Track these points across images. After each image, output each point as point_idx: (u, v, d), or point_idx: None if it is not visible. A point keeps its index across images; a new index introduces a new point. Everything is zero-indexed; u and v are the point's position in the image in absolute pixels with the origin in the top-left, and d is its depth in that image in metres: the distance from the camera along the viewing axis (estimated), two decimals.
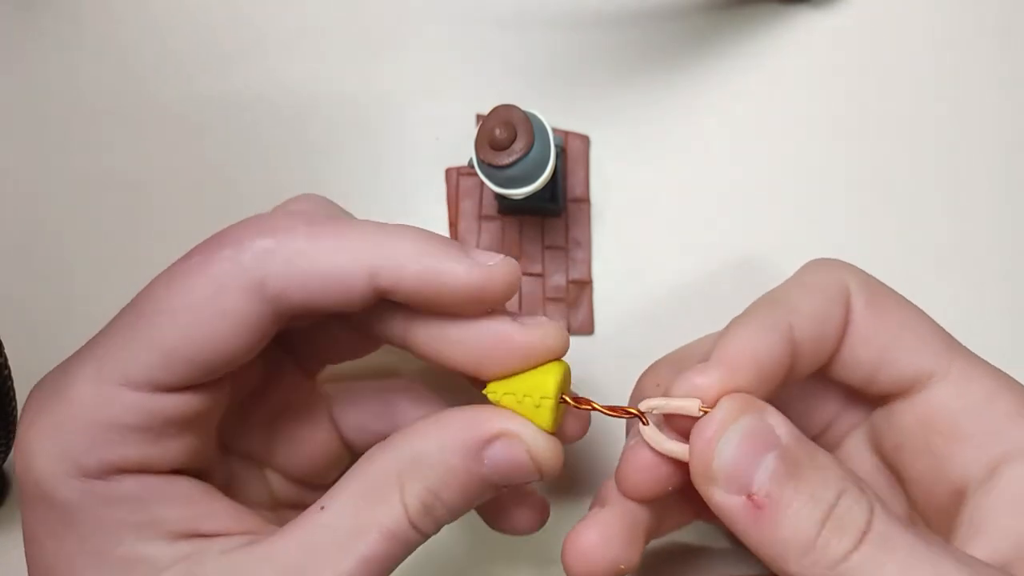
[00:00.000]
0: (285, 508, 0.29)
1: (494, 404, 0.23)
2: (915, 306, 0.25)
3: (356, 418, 0.29)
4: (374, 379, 0.30)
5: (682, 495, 0.24)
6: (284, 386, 0.27)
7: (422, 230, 0.23)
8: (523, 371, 0.23)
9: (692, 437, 0.22)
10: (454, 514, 0.23)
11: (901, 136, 0.36)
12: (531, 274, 0.35)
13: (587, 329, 0.35)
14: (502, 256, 0.23)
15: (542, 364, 0.23)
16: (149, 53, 0.37)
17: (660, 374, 0.27)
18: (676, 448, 0.23)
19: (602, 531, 0.24)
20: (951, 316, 0.34)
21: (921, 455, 0.24)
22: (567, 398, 0.24)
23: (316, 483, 0.29)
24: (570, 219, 0.35)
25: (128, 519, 0.22)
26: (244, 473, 0.27)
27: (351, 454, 0.30)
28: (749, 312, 0.24)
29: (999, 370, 0.24)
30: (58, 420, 0.22)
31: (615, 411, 0.24)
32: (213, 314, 0.21)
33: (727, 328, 0.24)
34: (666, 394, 0.23)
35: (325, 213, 0.25)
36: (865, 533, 0.20)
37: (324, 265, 0.22)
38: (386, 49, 0.37)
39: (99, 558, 0.22)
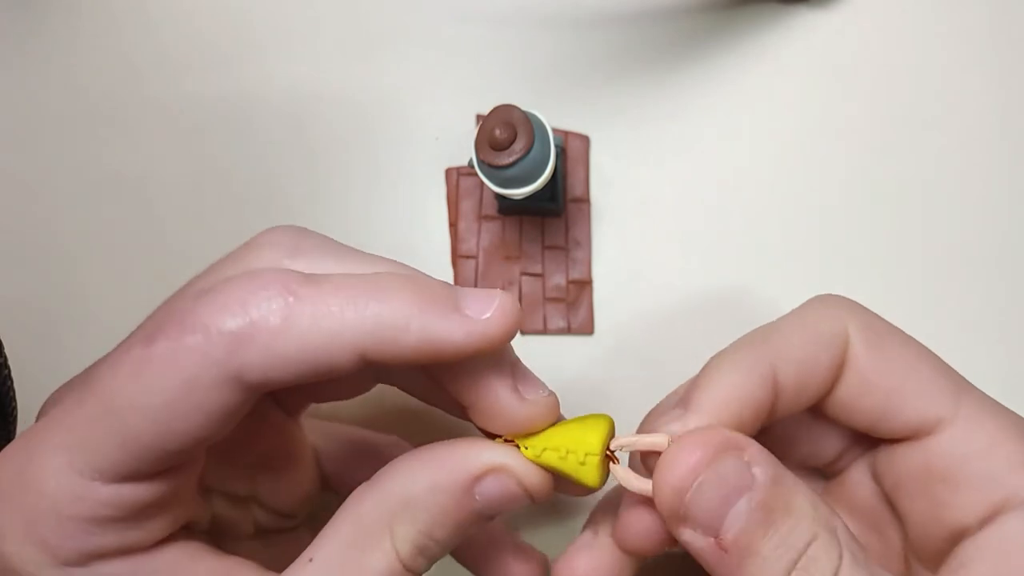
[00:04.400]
0: (270, 534, 0.28)
1: (532, 460, 0.22)
2: (919, 345, 0.25)
3: (346, 467, 0.29)
4: (371, 432, 0.30)
5: None
6: (268, 431, 0.27)
7: (409, 284, 0.21)
8: (548, 427, 0.23)
9: (660, 477, 0.21)
10: (447, 550, 0.23)
11: (901, 135, 0.36)
12: (531, 274, 0.35)
13: (587, 329, 0.35)
14: (498, 299, 0.21)
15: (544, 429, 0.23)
16: (149, 53, 0.37)
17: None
18: (647, 487, 0.22)
19: (592, 559, 0.24)
20: (949, 313, 0.34)
21: (921, 498, 0.24)
22: (610, 452, 0.23)
23: (300, 512, 0.29)
24: (570, 219, 0.35)
25: None
26: (227, 509, 0.27)
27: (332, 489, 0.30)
28: (733, 349, 0.23)
29: (1008, 411, 0.24)
30: (30, 513, 0.21)
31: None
32: (186, 410, 0.20)
33: (707, 368, 0.23)
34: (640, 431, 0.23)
35: (299, 254, 0.23)
36: None
37: (306, 347, 0.20)
38: (386, 49, 0.37)
39: None
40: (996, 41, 0.36)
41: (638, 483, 0.22)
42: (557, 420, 0.23)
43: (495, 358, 0.22)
